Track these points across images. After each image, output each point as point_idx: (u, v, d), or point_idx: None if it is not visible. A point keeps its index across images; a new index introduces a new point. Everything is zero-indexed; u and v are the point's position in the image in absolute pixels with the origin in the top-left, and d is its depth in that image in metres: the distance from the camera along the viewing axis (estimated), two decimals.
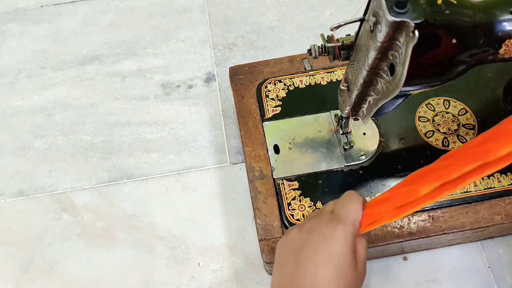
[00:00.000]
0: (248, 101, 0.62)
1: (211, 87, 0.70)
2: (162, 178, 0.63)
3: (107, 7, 0.80)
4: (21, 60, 0.75)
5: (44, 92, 0.72)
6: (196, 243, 0.58)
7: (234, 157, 0.64)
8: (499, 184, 0.54)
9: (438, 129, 0.58)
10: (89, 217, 0.61)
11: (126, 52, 0.75)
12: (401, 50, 0.37)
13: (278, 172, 0.56)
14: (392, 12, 0.35)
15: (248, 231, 0.59)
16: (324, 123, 0.59)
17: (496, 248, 0.56)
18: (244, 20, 0.77)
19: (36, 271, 0.58)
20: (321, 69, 0.63)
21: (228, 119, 0.67)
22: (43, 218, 0.61)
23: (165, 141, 0.66)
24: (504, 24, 0.39)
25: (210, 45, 0.75)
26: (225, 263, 0.57)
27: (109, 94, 0.71)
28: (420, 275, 0.55)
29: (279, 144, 0.58)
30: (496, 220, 0.52)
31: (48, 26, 0.78)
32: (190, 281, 0.56)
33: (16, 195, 0.63)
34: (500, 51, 0.40)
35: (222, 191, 0.62)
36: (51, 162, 0.65)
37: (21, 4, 0.81)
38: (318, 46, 0.46)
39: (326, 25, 0.75)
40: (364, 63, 0.43)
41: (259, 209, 0.54)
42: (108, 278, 0.57)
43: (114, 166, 0.65)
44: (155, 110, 0.69)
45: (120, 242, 0.59)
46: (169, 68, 0.73)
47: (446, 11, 0.36)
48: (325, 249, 0.41)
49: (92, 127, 0.68)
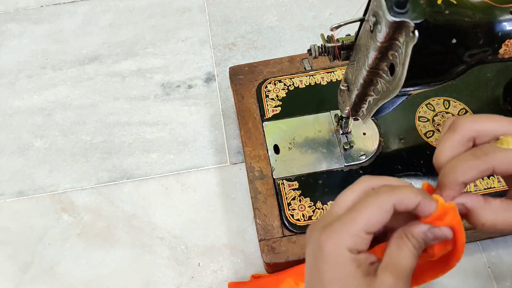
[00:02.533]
0: (248, 101, 0.62)
1: (211, 87, 0.70)
2: (162, 178, 0.63)
3: (107, 7, 0.80)
4: (21, 60, 0.75)
5: (44, 92, 0.72)
6: (196, 243, 0.58)
7: (234, 157, 0.64)
8: (499, 184, 0.54)
9: (438, 129, 0.58)
10: (89, 217, 0.61)
11: (126, 52, 0.75)
12: (401, 50, 0.37)
13: (278, 172, 0.56)
14: (392, 12, 0.35)
15: (248, 231, 0.59)
16: (324, 123, 0.59)
17: (496, 248, 0.56)
18: (244, 20, 0.77)
19: (36, 271, 0.58)
20: (321, 69, 0.63)
21: (228, 119, 0.67)
22: (43, 218, 0.61)
23: (165, 141, 0.66)
24: (504, 24, 0.39)
25: (210, 45, 0.75)
26: (225, 263, 0.57)
27: (109, 94, 0.71)
28: None
29: (279, 144, 0.58)
30: None
31: (48, 26, 0.78)
32: (190, 281, 0.56)
33: (16, 195, 0.63)
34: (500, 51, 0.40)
35: (222, 191, 0.62)
36: (51, 162, 0.65)
37: (21, 4, 0.81)
38: (318, 46, 0.46)
39: (326, 25, 0.75)
40: (364, 63, 0.43)
41: (259, 209, 0.54)
42: (108, 278, 0.57)
43: (114, 166, 0.65)
44: (155, 110, 0.69)
45: (120, 242, 0.59)
46: (169, 68, 0.73)
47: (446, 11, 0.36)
48: (317, 274, 0.32)
49: (92, 127, 0.68)
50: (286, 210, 0.54)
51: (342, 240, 0.31)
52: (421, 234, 0.33)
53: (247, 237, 0.58)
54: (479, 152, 0.32)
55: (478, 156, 0.32)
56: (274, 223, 0.53)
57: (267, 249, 0.52)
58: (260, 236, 0.53)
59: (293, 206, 0.54)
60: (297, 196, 0.55)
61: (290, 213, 0.54)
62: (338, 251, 0.31)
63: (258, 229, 0.53)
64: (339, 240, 0.31)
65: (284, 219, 0.53)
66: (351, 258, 0.31)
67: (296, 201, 0.54)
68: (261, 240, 0.53)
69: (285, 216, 0.53)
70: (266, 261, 0.52)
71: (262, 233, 0.53)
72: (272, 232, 0.53)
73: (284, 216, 0.53)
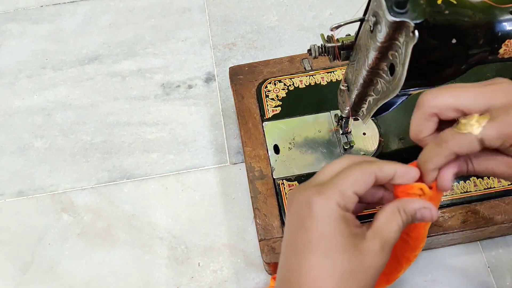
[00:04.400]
0: (248, 101, 0.62)
1: (211, 87, 0.70)
2: (162, 178, 0.63)
3: (107, 7, 0.80)
4: (21, 60, 0.75)
5: (44, 92, 0.72)
6: (196, 243, 0.58)
7: (234, 157, 0.64)
8: (499, 184, 0.54)
9: None
10: (89, 217, 0.61)
11: (126, 52, 0.75)
12: (401, 50, 0.37)
13: (278, 172, 0.56)
14: (392, 12, 0.35)
15: (248, 231, 0.59)
16: (324, 123, 0.59)
17: (496, 248, 0.56)
18: (244, 20, 0.77)
19: (36, 271, 0.58)
20: (321, 69, 0.63)
21: (228, 119, 0.67)
22: (43, 218, 0.61)
23: (165, 141, 0.66)
24: (504, 24, 0.39)
25: (210, 45, 0.75)
26: (225, 263, 0.57)
27: (109, 94, 0.71)
28: (420, 275, 0.55)
29: (279, 144, 0.58)
30: (496, 220, 0.52)
31: (48, 26, 0.78)
32: (190, 281, 0.56)
33: (16, 195, 0.63)
34: (500, 51, 0.40)
35: (222, 191, 0.62)
36: (51, 162, 0.65)
37: (21, 4, 0.81)
38: (318, 46, 0.46)
39: (326, 25, 0.75)
40: (364, 63, 0.43)
41: (259, 209, 0.54)
42: (108, 278, 0.57)
43: (114, 166, 0.65)
44: (155, 110, 0.69)
45: (120, 242, 0.59)
46: (169, 68, 0.73)
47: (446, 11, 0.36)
48: (304, 233, 0.32)
49: (92, 127, 0.68)
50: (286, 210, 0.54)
51: (332, 195, 0.33)
52: (412, 211, 0.35)
53: (247, 237, 0.58)
54: (440, 140, 0.34)
55: (439, 144, 0.34)
56: (274, 223, 0.53)
57: (267, 249, 0.52)
58: (260, 236, 0.53)
59: None
60: None
61: None
62: (328, 205, 0.32)
63: (258, 229, 0.53)
64: (329, 195, 0.33)
65: (284, 219, 0.53)
66: (340, 214, 0.33)
67: None
68: (261, 240, 0.53)
69: (285, 216, 0.53)
70: (266, 261, 0.52)
71: (262, 233, 0.53)
72: (272, 232, 0.53)
73: (284, 216, 0.53)
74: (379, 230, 0.34)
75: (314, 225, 0.32)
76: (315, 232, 0.32)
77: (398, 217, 0.34)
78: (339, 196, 0.33)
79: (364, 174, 0.34)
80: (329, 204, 0.32)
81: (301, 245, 0.32)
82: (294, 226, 0.33)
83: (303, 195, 0.34)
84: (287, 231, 0.35)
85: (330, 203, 0.32)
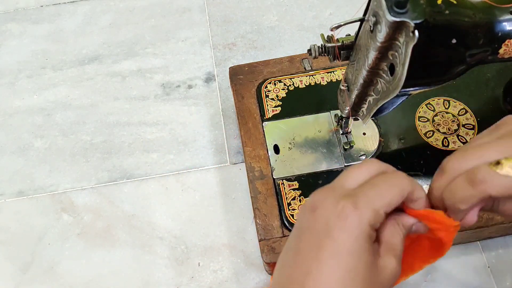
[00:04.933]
0: (248, 101, 0.62)
1: (211, 87, 0.70)
2: (162, 178, 0.63)
3: (107, 7, 0.80)
4: (21, 60, 0.75)
5: (44, 92, 0.72)
6: (196, 243, 0.58)
7: (234, 157, 0.64)
8: None
9: (438, 129, 0.58)
10: (89, 217, 0.61)
11: (126, 52, 0.75)
12: (401, 50, 0.37)
13: (278, 172, 0.56)
14: (392, 12, 0.35)
15: (248, 231, 0.59)
16: (324, 123, 0.59)
17: (496, 248, 0.56)
18: (244, 20, 0.77)
19: (36, 271, 0.58)
20: (321, 69, 0.63)
21: (228, 119, 0.67)
22: (43, 218, 0.61)
23: (165, 141, 0.66)
24: (504, 24, 0.39)
25: (210, 45, 0.75)
26: (225, 263, 0.57)
27: (109, 94, 0.71)
28: (419, 275, 0.55)
29: (279, 144, 0.58)
30: (496, 220, 0.52)
31: (48, 26, 0.78)
32: (190, 281, 0.56)
33: (16, 195, 0.63)
34: (500, 51, 0.40)
35: (222, 191, 0.62)
36: (51, 162, 0.65)
37: (21, 4, 0.81)
38: (318, 46, 0.46)
39: (326, 25, 0.75)
40: (364, 63, 0.43)
41: (259, 209, 0.54)
42: (108, 278, 0.57)
43: (114, 166, 0.65)
44: (155, 110, 0.69)
45: (120, 242, 0.59)
46: (169, 68, 0.73)
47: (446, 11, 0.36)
48: (332, 243, 0.32)
49: (92, 127, 0.68)
50: (286, 210, 0.54)
51: (367, 215, 0.32)
52: (409, 226, 0.35)
53: (247, 237, 0.58)
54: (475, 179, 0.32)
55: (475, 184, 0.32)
56: (274, 223, 0.53)
57: (267, 249, 0.52)
58: (260, 236, 0.53)
59: (293, 206, 0.54)
60: (297, 196, 0.55)
61: (290, 213, 0.54)
62: (362, 222, 0.32)
63: (258, 229, 0.53)
64: (364, 214, 0.32)
65: (284, 219, 0.53)
66: (369, 233, 0.32)
67: (296, 201, 0.54)
68: (261, 240, 0.53)
69: (285, 216, 0.53)
70: (266, 261, 0.52)
71: (262, 233, 0.53)
72: (272, 232, 0.53)
73: (284, 216, 0.53)
74: (390, 246, 0.34)
75: (345, 239, 0.32)
76: (343, 246, 0.32)
77: (399, 231, 0.35)
78: (372, 215, 0.32)
79: (400, 194, 0.33)
80: (363, 221, 0.32)
81: (325, 254, 0.32)
82: (318, 231, 0.33)
83: (334, 203, 0.33)
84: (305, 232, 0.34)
85: (363, 221, 0.32)
